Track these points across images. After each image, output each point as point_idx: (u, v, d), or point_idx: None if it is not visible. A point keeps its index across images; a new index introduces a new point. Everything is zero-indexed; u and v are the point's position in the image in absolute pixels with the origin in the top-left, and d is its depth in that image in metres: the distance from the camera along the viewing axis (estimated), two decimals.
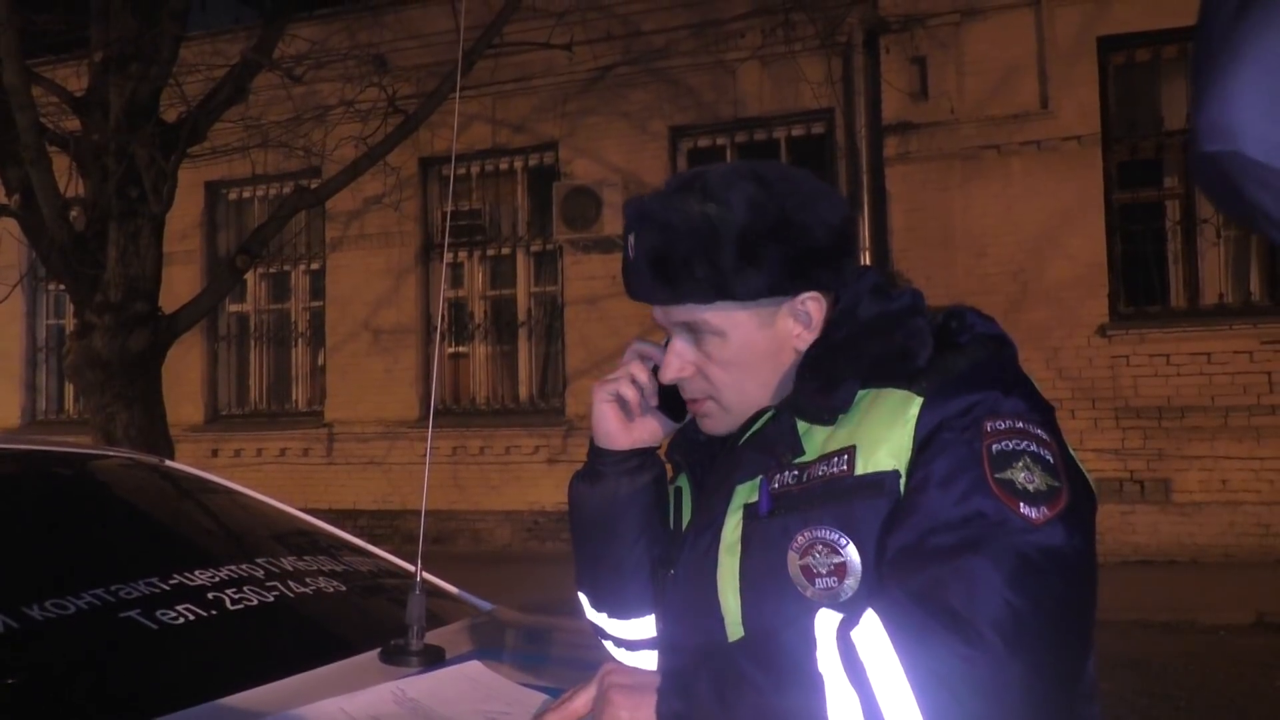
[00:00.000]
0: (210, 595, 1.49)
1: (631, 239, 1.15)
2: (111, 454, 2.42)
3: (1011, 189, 7.64)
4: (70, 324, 9.74)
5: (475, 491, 8.96)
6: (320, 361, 10.01)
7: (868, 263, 6.79)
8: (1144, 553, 7.12)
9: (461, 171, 9.40)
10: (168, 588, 1.46)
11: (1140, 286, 7.59)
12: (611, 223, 8.41)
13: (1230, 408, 7.13)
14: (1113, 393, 7.34)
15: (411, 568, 2.04)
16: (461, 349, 9.46)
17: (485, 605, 2.01)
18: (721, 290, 1.11)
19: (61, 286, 9.57)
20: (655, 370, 1.24)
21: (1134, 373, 7.36)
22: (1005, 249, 7.62)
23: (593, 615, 1.34)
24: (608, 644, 1.35)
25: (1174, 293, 7.53)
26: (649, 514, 1.27)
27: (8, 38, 5.13)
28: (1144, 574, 6.75)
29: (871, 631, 0.95)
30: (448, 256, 9.60)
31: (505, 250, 9.41)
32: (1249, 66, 0.61)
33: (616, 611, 1.31)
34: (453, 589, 2.06)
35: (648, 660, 1.30)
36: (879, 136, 8.01)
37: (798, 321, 1.15)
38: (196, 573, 1.55)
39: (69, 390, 10.81)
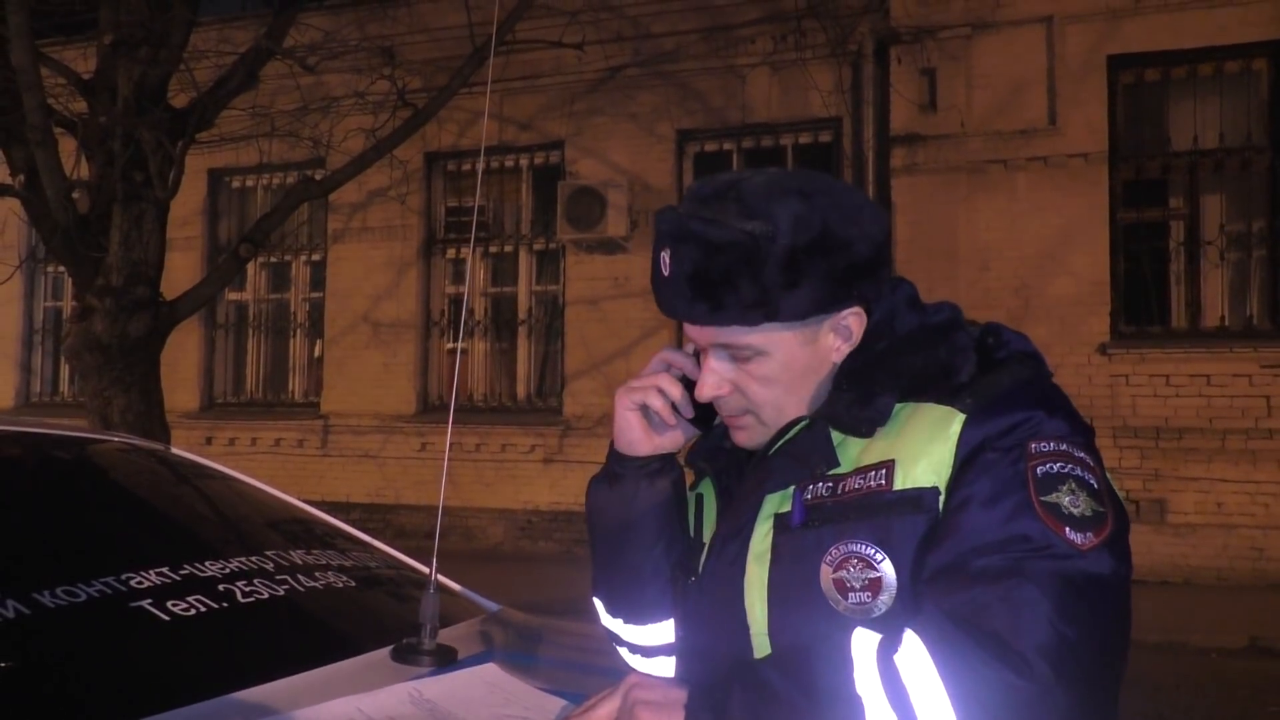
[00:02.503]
0: (221, 587, 1.47)
1: (666, 255, 1.10)
2: (115, 439, 2.39)
3: (1017, 204, 7.64)
4: (69, 307, 9.71)
5: (469, 489, 8.93)
6: (318, 353, 9.98)
7: None
8: (1138, 573, 7.01)
9: (466, 167, 9.39)
10: (178, 578, 1.44)
11: (1142, 306, 7.60)
12: (615, 224, 8.40)
13: (1228, 430, 7.14)
14: (1111, 411, 7.34)
15: (417, 564, 2.03)
16: (461, 345, 9.44)
17: (492, 606, 1.99)
18: (768, 312, 1.07)
19: (61, 269, 9.54)
20: (684, 380, 1.22)
21: (1133, 392, 7.37)
22: (1009, 264, 7.63)
23: (608, 621, 1.33)
24: (623, 650, 1.34)
25: (1175, 313, 7.54)
26: (668, 518, 1.25)
27: (18, 18, 5.10)
28: (1137, 594, 6.67)
29: (914, 655, 0.93)
30: (448, 253, 9.57)
31: (508, 248, 9.39)
32: None
33: (633, 617, 1.29)
34: (459, 588, 2.04)
35: (665, 667, 1.28)
36: (886, 147, 8.01)
37: (838, 336, 1.13)
38: (206, 564, 1.53)
39: (64, 372, 10.76)
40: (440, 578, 1.84)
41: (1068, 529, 0.96)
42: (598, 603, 1.33)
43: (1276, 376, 7.08)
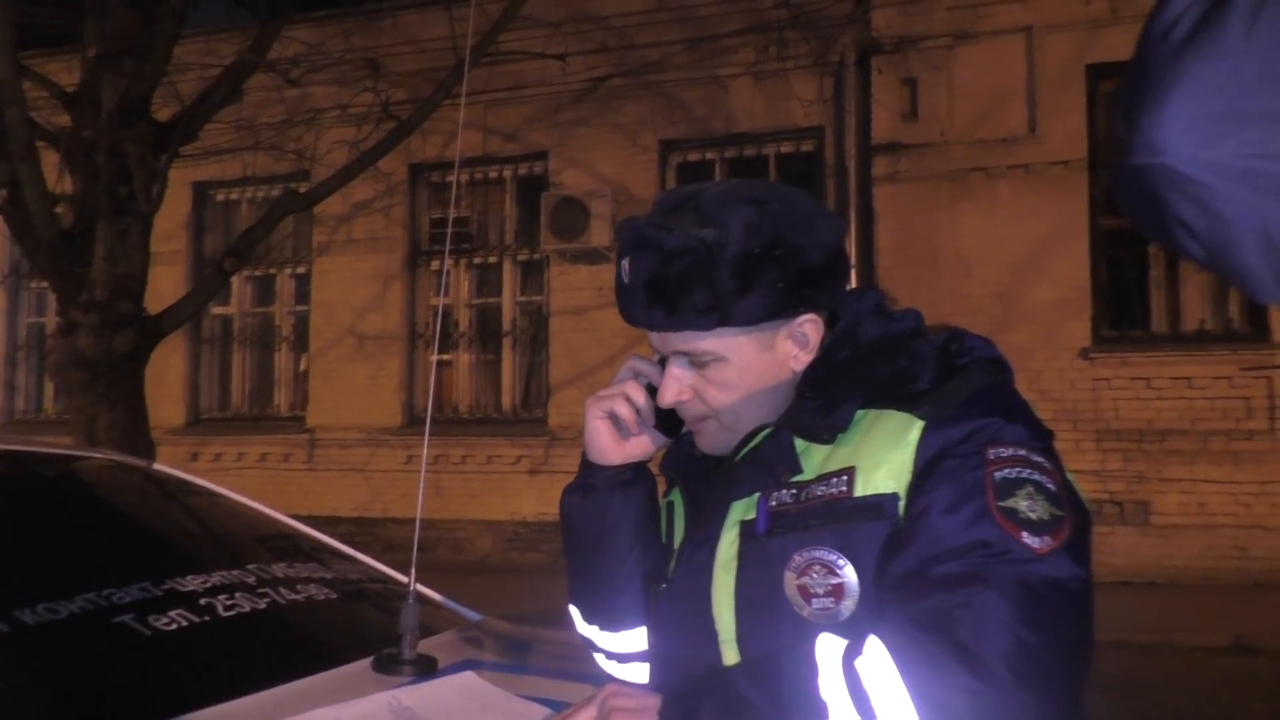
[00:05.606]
0: (202, 601, 1.48)
1: (626, 263, 1.14)
2: (98, 456, 2.40)
3: (998, 211, 7.71)
4: (52, 323, 9.67)
5: (456, 501, 8.92)
6: (303, 366, 9.96)
7: (853, 282, 6.82)
8: (1123, 574, 7.17)
9: (451, 178, 9.39)
10: (160, 593, 1.46)
11: (1123, 311, 7.66)
12: (599, 234, 8.42)
13: (1209, 432, 7.20)
14: (1094, 415, 7.40)
15: (400, 576, 2.04)
16: (445, 357, 9.44)
17: (474, 616, 2.01)
18: (721, 316, 1.10)
19: (44, 285, 9.50)
20: (650, 388, 1.24)
21: (1115, 396, 7.43)
22: (991, 270, 7.69)
23: (584, 628, 1.34)
24: (599, 657, 1.36)
25: (1156, 317, 7.61)
26: (641, 527, 1.27)
27: (0, 30, 5.09)
28: (1123, 595, 6.78)
29: (877, 660, 0.95)
30: (433, 264, 9.58)
31: (492, 259, 9.41)
32: (1185, 94, 0.70)
33: (608, 624, 1.31)
34: (440, 598, 2.05)
35: (640, 673, 1.30)
36: (868, 156, 8.07)
37: (795, 343, 1.15)
38: (188, 578, 1.54)
39: (48, 389, 10.71)
40: (422, 588, 1.85)
41: (1025, 533, 0.97)
42: (573, 610, 1.35)
43: (1256, 378, 7.15)
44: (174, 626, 1.39)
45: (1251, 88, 0.69)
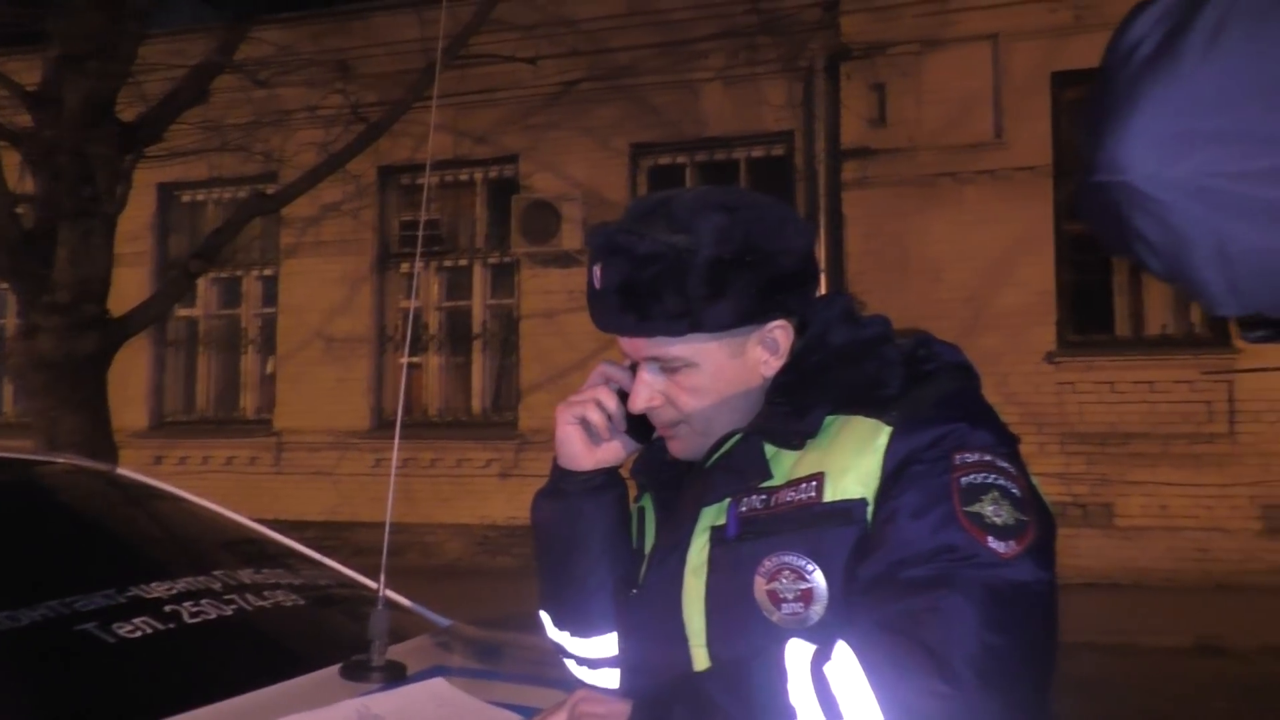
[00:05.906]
0: (167, 608, 1.47)
1: (598, 269, 1.14)
2: (59, 460, 2.36)
3: (966, 216, 7.79)
4: (12, 325, 9.50)
5: (426, 504, 8.87)
6: (270, 369, 9.86)
7: (823, 287, 6.87)
8: (1087, 576, 7.25)
9: (420, 181, 9.36)
10: (124, 600, 1.44)
11: (1087, 315, 7.77)
12: (570, 237, 8.42)
13: (1171, 435, 7.32)
14: (1059, 418, 7.49)
15: (369, 581, 2.03)
16: (415, 360, 9.38)
17: (443, 621, 2.00)
18: (692, 322, 1.11)
19: (4, 287, 9.34)
20: (621, 393, 1.24)
21: (1080, 399, 7.53)
22: (959, 275, 7.77)
23: (554, 634, 1.34)
24: (569, 663, 1.35)
25: (1119, 322, 7.73)
26: (612, 532, 1.27)
27: None
28: (1087, 597, 6.86)
29: (845, 665, 0.96)
30: (403, 267, 9.52)
31: (462, 261, 9.37)
32: (1146, 114, 0.73)
33: (579, 630, 1.31)
34: (410, 603, 2.04)
35: (611, 678, 1.30)
36: (837, 161, 8.13)
37: (765, 349, 1.16)
38: (153, 585, 1.52)
39: (8, 392, 10.53)
40: (391, 594, 1.84)
41: (990, 538, 0.99)
42: (544, 616, 1.35)
43: (1216, 382, 7.28)
44: (138, 634, 1.37)
45: (1209, 109, 0.72)
